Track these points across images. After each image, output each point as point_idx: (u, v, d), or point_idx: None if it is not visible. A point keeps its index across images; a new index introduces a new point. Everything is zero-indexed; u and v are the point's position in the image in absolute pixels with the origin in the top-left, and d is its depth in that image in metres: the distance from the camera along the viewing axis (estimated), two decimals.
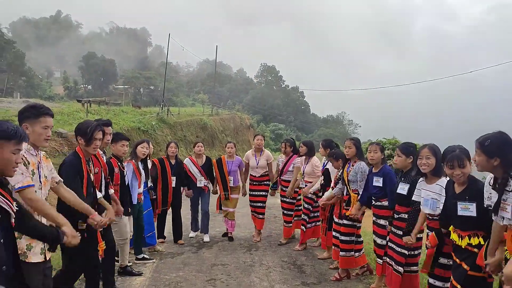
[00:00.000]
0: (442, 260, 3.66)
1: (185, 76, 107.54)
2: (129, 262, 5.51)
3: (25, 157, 2.80)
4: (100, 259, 4.03)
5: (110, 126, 4.76)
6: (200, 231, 7.50)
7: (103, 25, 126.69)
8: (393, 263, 4.34)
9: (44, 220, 2.87)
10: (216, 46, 40.98)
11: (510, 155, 2.78)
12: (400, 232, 4.23)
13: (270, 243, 7.22)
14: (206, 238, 7.31)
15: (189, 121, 27.83)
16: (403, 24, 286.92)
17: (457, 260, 3.26)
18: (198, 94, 77.64)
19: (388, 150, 12.21)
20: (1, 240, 2.11)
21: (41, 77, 79.73)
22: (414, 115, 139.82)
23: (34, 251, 2.81)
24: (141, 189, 5.91)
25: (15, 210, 2.27)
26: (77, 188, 3.59)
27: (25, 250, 2.76)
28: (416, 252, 4.25)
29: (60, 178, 3.34)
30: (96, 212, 3.60)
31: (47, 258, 2.94)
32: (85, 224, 3.64)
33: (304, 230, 6.76)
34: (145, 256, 6.05)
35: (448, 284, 3.42)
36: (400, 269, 4.24)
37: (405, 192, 4.17)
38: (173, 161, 7.09)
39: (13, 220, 2.25)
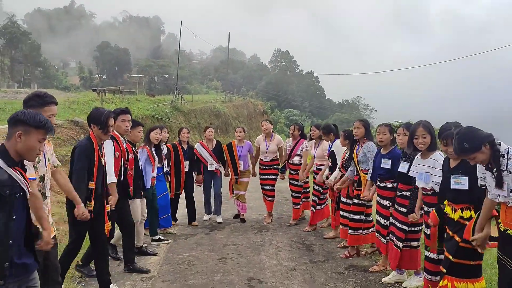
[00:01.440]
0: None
1: (199, 64, 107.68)
2: (144, 244, 5.76)
3: None
4: (107, 238, 4.26)
5: (128, 114, 4.93)
6: (213, 213, 7.74)
7: (116, 14, 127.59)
8: (394, 238, 4.49)
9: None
10: (229, 32, 41.09)
11: (486, 138, 2.83)
12: (402, 209, 4.36)
13: (280, 225, 7.41)
14: (219, 219, 7.56)
15: (202, 108, 28.08)
16: (419, 7, 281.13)
17: (450, 232, 3.40)
18: (211, 81, 77.90)
19: None
20: (14, 217, 2.32)
21: (56, 67, 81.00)
22: (431, 98, 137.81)
23: None
24: (155, 174, 6.13)
25: (31, 191, 2.49)
26: (84, 171, 3.83)
27: None
28: (416, 229, 4.38)
29: (58, 163, 3.51)
30: (82, 204, 3.69)
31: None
32: (93, 205, 3.88)
33: (314, 211, 6.94)
34: (161, 237, 6.29)
35: (442, 256, 3.56)
36: (400, 244, 4.38)
37: (405, 171, 4.28)
38: (185, 146, 7.32)
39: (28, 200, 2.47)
